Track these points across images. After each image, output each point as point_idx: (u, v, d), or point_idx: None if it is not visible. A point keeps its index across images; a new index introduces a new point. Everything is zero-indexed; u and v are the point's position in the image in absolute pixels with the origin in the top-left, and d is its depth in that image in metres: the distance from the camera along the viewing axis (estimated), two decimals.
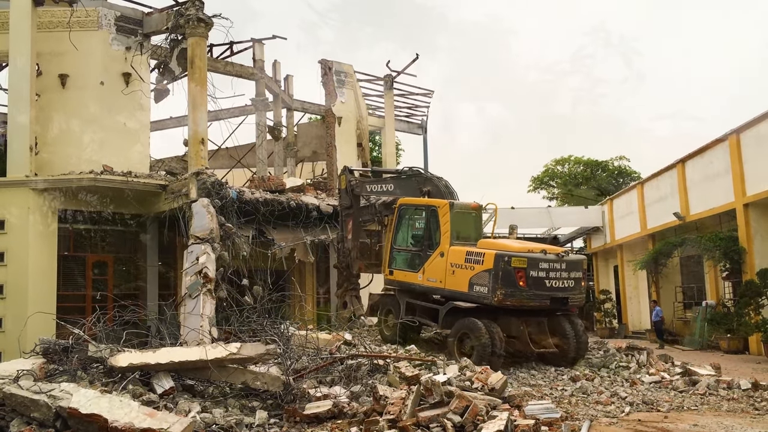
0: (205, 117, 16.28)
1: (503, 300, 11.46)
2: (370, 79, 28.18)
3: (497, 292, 11.44)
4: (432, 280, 12.90)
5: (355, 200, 15.99)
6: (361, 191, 15.93)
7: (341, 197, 16.45)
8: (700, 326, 21.70)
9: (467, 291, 12.00)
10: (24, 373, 8.01)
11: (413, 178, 14.94)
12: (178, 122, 26.18)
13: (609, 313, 31.54)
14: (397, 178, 15.52)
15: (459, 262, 12.28)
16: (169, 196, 16.03)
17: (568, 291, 12.03)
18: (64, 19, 17.28)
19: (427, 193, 14.32)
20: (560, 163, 46.48)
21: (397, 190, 15.28)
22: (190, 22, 16.04)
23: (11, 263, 15.23)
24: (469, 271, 12.04)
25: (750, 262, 19.47)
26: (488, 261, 11.67)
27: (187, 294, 13.34)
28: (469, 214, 13.29)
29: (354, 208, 16.01)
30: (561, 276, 11.91)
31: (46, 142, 17.08)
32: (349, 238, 16.04)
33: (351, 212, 16.05)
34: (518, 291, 11.48)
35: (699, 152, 22.76)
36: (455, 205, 12.98)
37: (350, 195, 15.96)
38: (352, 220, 16.02)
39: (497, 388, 8.22)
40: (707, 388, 10.24)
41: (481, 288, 11.72)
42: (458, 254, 12.37)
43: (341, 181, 16.33)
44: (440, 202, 13.14)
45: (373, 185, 15.81)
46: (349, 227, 16.06)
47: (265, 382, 8.35)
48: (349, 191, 15.96)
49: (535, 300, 11.70)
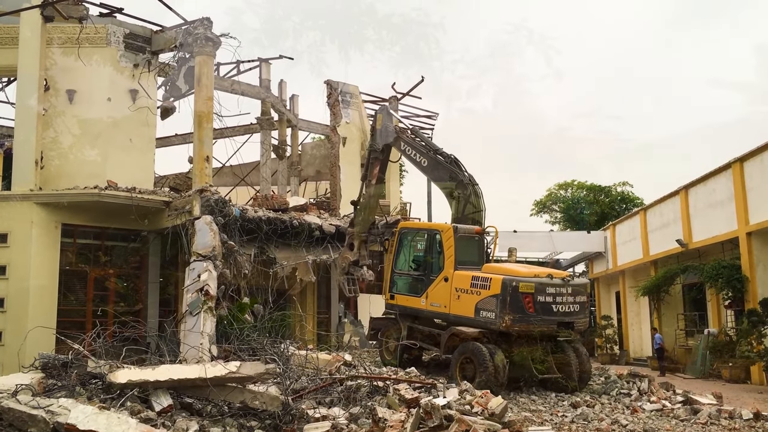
0: (210, 135, 16.37)
1: (511, 326, 11.42)
2: (375, 100, 28.32)
3: (505, 317, 11.39)
4: (436, 305, 12.80)
5: (387, 147, 15.60)
6: (395, 143, 15.29)
7: (374, 138, 15.87)
8: (702, 354, 21.56)
9: (473, 316, 11.92)
10: (22, 388, 7.98)
11: (449, 172, 13.98)
12: (183, 139, 26.30)
13: (610, 339, 31.37)
14: (434, 158, 14.39)
15: (464, 287, 12.20)
16: (172, 212, 16.07)
17: (574, 315, 12.01)
18: (74, 35, 17.42)
19: (456, 198, 13.70)
20: (563, 187, 46.53)
21: (429, 168, 14.51)
22: (198, 41, 16.21)
23: (13, 277, 15.21)
24: (475, 296, 11.97)
25: (753, 290, 19.39)
26: (495, 286, 11.62)
27: (187, 311, 13.33)
28: (472, 239, 13.24)
29: (385, 154, 15.68)
30: (567, 300, 11.90)
31: (51, 156, 17.15)
32: (373, 182, 15.85)
33: (379, 156, 15.71)
34: (526, 316, 11.45)
35: (702, 180, 22.78)
36: (459, 229, 12.92)
37: (384, 139, 15.40)
38: (379, 166, 15.76)
39: (497, 413, 8.16)
40: (709, 417, 10.15)
41: (487, 313, 11.65)
42: (463, 279, 12.29)
43: (378, 119, 15.75)
44: (443, 226, 13.09)
45: (409, 147, 14.99)
46: (375, 171, 15.81)
47: (263, 402, 8.31)
48: (384, 134, 15.41)
49: (542, 325, 11.66)
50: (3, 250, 15.33)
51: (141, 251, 17.57)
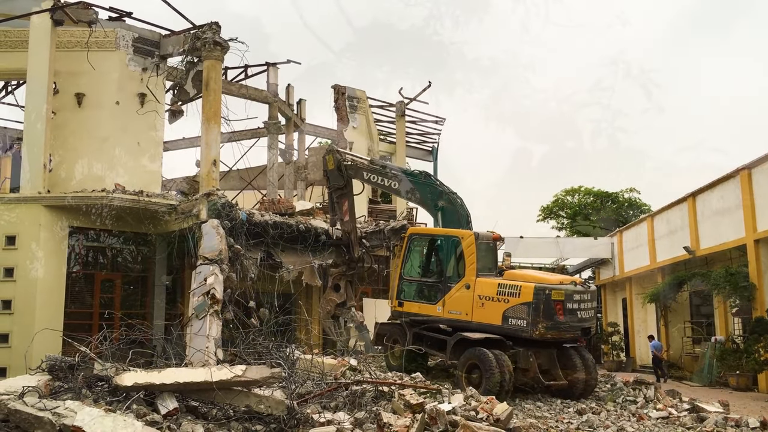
0: (217, 139, 16.42)
1: (544, 333, 11.46)
2: (382, 105, 28.36)
3: (539, 325, 11.41)
4: (454, 312, 12.67)
5: (349, 181, 15.44)
6: (356, 175, 15.25)
7: (330, 178, 15.76)
8: (709, 362, 21.47)
9: (500, 324, 11.87)
10: (29, 390, 8.01)
11: (428, 186, 14.04)
12: (191, 143, 26.41)
13: (617, 346, 31.27)
14: (407, 178, 14.33)
15: (490, 295, 12.12)
16: (179, 216, 16.12)
17: (591, 321, 12.19)
18: (83, 39, 17.53)
19: (441, 209, 13.71)
20: (570, 193, 46.46)
21: (403, 189, 14.36)
22: (207, 45, 16.28)
23: (20, 279, 15.30)
24: (502, 303, 11.92)
25: (760, 298, 19.31)
26: (527, 294, 11.62)
27: (193, 314, 13.36)
28: (489, 245, 13.17)
29: (348, 188, 15.47)
30: (587, 306, 12.06)
31: (60, 159, 17.25)
32: (346, 219, 15.62)
33: (344, 192, 15.51)
34: (557, 323, 11.55)
35: (710, 186, 22.72)
36: (480, 235, 12.81)
37: (344, 175, 15.29)
38: (348, 200, 15.50)
39: (502, 419, 8.14)
40: (715, 425, 10.09)
41: (518, 321, 11.63)
42: (488, 286, 12.20)
43: (328, 161, 15.64)
44: (464, 233, 12.88)
45: (374, 175, 14.92)
46: (345, 208, 15.57)
47: (269, 406, 8.30)
48: (343, 171, 15.33)
49: (570, 332, 11.80)
50: (11, 253, 15.42)
51: (147, 254, 17.64)
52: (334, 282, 16.41)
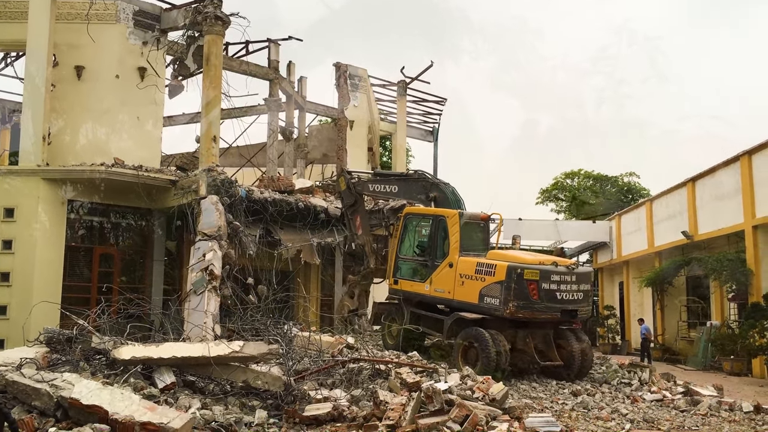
0: (218, 115, 16.33)
1: (515, 312, 11.43)
2: (383, 84, 28.22)
3: (509, 304, 11.40)
4: (440, 291, 12.83)
5: (360, 197, 16.09)
6: (363, 189, 15.93)
7: (343, 198, 16.47)
8: (704, 347, 21.59)
9: (477, 302, 11.94)
10: (27, 362, 8.06)
11: (420, 182, 14.82)
12: (190, 118, 26.25)
13: (612, 329, 31.41)
14: (402, 180, 15.36)
15: (469, 273, 12.22)
16: (178, 191, 16.08)
17: (578, 303, 12.02)
18: (83, 11, 17.38)
19: (433, 199, 14.19)
20: (570, 176, 46.43)
21: (401, 192, 15.23)
22: (208, 20, 16.13)
23: (19, 251, 15.29)
24: (479, 282, 11.99)
25: (757, 284, 19.36)
26: (500, 273, 11.63)
27: (192, 290, 13.39)
28: (477, 225, 13.25)
29: (359, 204, 16.07)
30: (571, 288, 11.91)
31: (59, 132, 17.16)
32: (360, 233, 16.06)
33: (357, 209, 16.09)
34: (530, 303, 11.47)
35: (710, 172, 22.68)
36: (464, 215, 12.91)
37: (354, 193, 15.99)
38: (360, 216, 16.06)
39: (498, 399, 8.20)
40: (709, 408, 10.18)
41: (492, 300, 11.67)
42: (468, 265, 12.31)
43: (340, 183, 16.41)
44: (449, 212, 13.06)
45: (377, 185, 15.75)
46: (358, 223, 16.08)
47: (266, 382, 8.35)
48: (353, 189, 15.98)
49: (546, 312, 11.68)
50: (9, 225, 15.40)
51: (146, 229, 17.63)
52: (350, 289, 16.78)
